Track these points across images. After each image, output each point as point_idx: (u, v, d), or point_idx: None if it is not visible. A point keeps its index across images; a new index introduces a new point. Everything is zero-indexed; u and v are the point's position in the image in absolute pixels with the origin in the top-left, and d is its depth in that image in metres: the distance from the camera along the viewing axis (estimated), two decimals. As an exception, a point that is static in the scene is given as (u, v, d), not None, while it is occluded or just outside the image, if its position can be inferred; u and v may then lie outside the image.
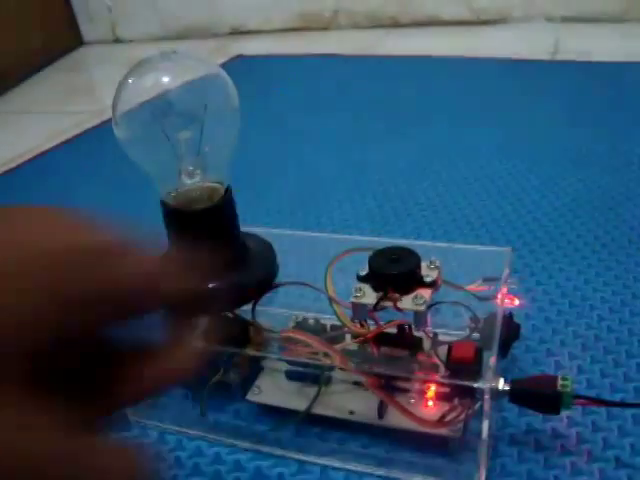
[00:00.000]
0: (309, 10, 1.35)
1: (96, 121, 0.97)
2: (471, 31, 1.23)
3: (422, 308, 0.33)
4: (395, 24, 1.31)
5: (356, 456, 0.36)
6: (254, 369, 0.41)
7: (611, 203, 0.59)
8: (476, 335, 0.36)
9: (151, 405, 0.41)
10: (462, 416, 0.34)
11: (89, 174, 0.81)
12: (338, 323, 0.38)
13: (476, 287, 0.38)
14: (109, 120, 0.35)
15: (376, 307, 0.34)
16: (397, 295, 0.33)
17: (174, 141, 0.35)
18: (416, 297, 0.33)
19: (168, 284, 0.22)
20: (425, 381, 0.35)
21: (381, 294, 0.34)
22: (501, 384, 0.32)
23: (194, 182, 0.36)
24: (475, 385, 0.30)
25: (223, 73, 0.36)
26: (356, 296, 0.34)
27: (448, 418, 0.34)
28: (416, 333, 0.36)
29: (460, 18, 1.25)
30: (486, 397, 0.30)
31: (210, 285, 0.35)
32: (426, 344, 0.36)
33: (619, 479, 0.34)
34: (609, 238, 0.54)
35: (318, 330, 0.39)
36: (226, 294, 0.37)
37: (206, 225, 0.36)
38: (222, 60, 1.23)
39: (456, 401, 0.34)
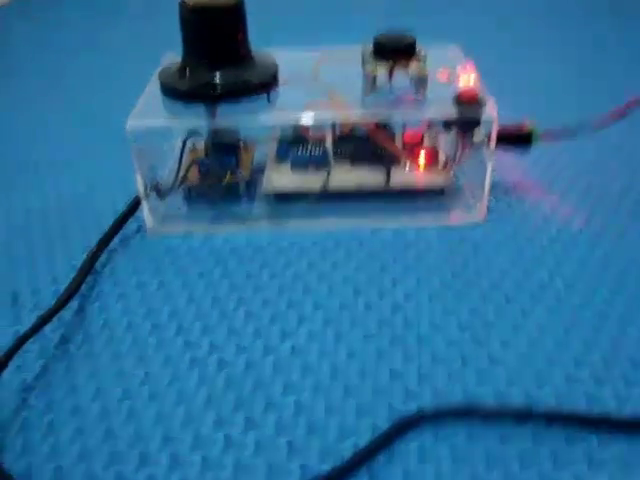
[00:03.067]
0: None
1: None
2: None
3: (425, 72, 0.41)
4: None
5: (371, 214, 0.43)
6: (257, 170, 0.46)
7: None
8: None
9: (169, 215, 0.44)
10: (452, 167, 0.43)
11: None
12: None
13: (442, 72, 0.45)
14: None
15: (391, 74, 0.41)
16: (406, 62, 0.40)
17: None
18: (418, 65, 0.41)
19: None
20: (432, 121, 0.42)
21: (391, 63, 0.40)
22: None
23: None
24: (484, 115, 0.39)
25: None
26: (371, 70, 0.41)
27: (442, 170, 0.43)
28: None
29: None
30: (494, 123, 0.39)
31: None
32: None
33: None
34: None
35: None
36: (245, 81, 0.41)
37: (224, 22, 0.40)
38: None
39: (445, 154, 0.43)
